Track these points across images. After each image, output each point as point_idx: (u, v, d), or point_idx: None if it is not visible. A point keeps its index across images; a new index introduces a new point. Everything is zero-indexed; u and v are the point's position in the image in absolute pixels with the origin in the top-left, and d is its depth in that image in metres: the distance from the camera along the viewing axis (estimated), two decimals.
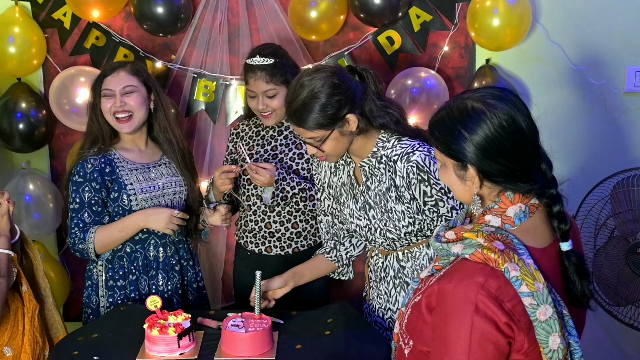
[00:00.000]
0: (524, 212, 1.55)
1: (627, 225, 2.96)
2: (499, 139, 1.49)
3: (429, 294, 1.55)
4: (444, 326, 1.48)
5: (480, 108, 1.51)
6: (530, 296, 1.45)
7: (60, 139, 3.30)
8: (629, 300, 2.99)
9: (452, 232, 1.56)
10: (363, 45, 3.17)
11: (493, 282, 1.45)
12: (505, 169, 1.51)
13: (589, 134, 3.18)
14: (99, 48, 3.20)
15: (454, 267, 1.53)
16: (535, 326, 1.46)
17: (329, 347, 2.16)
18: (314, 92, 2.11)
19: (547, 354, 1.47)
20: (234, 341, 2.13)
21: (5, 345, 2.23)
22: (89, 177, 2.54)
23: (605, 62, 3.14)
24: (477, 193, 1.56)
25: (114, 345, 2.21)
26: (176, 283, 2.68)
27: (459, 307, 1.46)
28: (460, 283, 1.47)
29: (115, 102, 2.55)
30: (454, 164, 1.56)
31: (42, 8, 3.18)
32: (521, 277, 1.45)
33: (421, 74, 3.06)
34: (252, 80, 2.64)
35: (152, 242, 2.64)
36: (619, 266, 2.98)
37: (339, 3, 3.04)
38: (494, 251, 1.46)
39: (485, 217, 1.56)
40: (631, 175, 3.01)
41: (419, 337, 1.59)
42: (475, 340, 1.43)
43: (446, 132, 1.54)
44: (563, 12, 3.11)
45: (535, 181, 1.53)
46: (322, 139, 2.18)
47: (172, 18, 3.05)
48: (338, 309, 2.43)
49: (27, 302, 2.27)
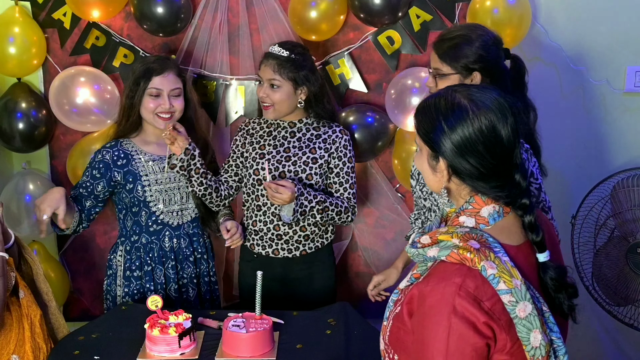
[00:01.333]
0: (498, 212, 1.55)
1: (627, 225, 2.97)
2: (475, 142, 1.50)
3: (409, 300, 1.53)
4: (421, 329, 1.48)
5: (466, 106, 1.51)
6: (509, 293, 1.44)
7: (60, 139, 3.29)
8: (629, 300, 2.99)
9: (427, 237, 1.56)
10: (363, 45, 3.17)
11: (470, 281, 1.44)
12: (474, 171, 1.52)
13: (589, 134, 3.19)
14: (99, 48, 3.19)
15: (432, 270, 1.52)
16: (516, 323, 1.45)
17: (330, 347, 2.17)
18: (471, 34, 2.27)
19: (530, 351, 1.46)
20: (235, 341, 2.13)
21: (12, 354, 2.21)
22: (94, 165, 2.67)
23: (605, 62, 3.14)
24: (445, 186, 1.57)
25: (114, 345, 2.21)
26: (191, 273, 2.75)
27: (437, 309, 1.45)
28: (437, 285, 1.46)
29: (164, 103, 2.62)
30: (429, 152, 1.57)
31: (42, 8, 3.17)
32: (498, 274, 1.44)
33: (421, 74, 3.06)
34: (263, 65, 2.68)
35: (166, 233, 2.71)
36: (619, 266, 2.98)
37: (339, 3, 3.03)
38: (470, 250, 1.46)
39: (460, 218, 1.57)
40: (631, 175, 3.01)
41: (402, 349, 1.57)
42: (452, 342, 1.43)
43: (428, 121, 1.55)
44: (563, 12, 3.11)
45: (503, 188, 1.53)
46: (440, 75, 2.29)
47: (172, 18, 3.05)
48: (339, 309, 2.44)
49: (25, 309, 2.24)
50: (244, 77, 3.19)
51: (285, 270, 2.79)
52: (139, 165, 2.66)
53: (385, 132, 3.16)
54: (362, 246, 3.35)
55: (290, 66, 2.64)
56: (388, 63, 3.18)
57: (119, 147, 2.70)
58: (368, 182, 3.27)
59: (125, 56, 3.19)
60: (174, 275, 2.71)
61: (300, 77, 2.65)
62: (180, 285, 2.74)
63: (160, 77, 2.62)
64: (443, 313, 1.44)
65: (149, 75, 2.62)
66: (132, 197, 2.65)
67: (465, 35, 2.29)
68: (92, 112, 3.10)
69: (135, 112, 2.66)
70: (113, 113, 3.14)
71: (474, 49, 2.26)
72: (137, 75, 2.64)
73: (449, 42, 2.29)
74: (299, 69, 2.65)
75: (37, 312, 2.27)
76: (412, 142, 3.11)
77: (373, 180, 3.27)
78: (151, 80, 2.61)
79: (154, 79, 2.61)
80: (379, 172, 3.28)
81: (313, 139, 2.75)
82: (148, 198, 2.66)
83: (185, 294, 2.75)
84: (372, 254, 3.34)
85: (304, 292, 2.79)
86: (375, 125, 3.13)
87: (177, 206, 2.72)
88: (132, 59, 3.19)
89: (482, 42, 2.29)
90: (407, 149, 3.13)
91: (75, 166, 3.13)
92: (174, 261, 2.72)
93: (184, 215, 2.75)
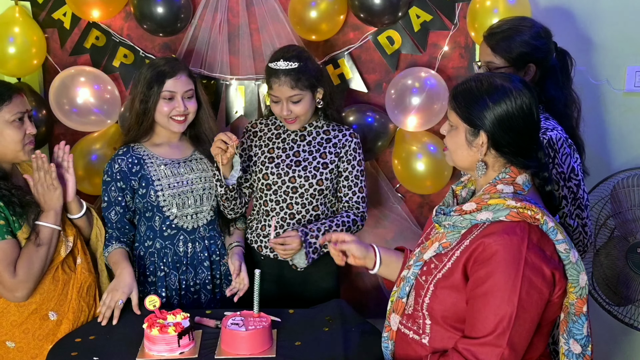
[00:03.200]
0: (528, 180, 1.78)
1: (627, 225, 2.96)
2: (516, 117, 1.71)
3: (465, 260, 1.71)
4: (493, 278, 1.65)
5: (508, 87, 1.72)
6: (564, 242, 1.70)
7: (60, 139, 3.26)
8: (629, 300, 2.98)
9: (472, 203, 1.76)
10: (363, 45, 3.17)
11: (534, 235, 1.67)
12: (513, 143, 1.73)
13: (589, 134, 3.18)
14: (99, 48, 3.20)
15: (491, 229, 1.70)
16: (568, 268, 1.71)
17: (328, 343, 2.17)
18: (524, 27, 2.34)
19: (577, 292, 1.73)
20: (234, 339, 2.13)
21: (50, 310, 2.38)
22: (115, 176, 2.61)
23: (605, 62, 3.14)
24: (483, 159, 1.77)
25: (112, 346, 2.21)
26: (205, 278, 2.71)
27: (510, 259, 1.64)
28: (507, 239, 1.66)
29: (178, 106, 2.58)
30: (467, 128, 1.76)
31: (42, 8, 3.17)
32: (556, 227, 1.69)
33: (421, 74, 3.06)
34: (277, 85, 2.57)
35: (181, 237, 2.67)
36: (619, 266, 2.98)
37: (339, 3, 3.04)
38: (529, 209, 1.68)
39: (497, 186, 1.76)
40: (631, 175, 3.01)
41: (448, 310, 1.74)
42: (524, 289, 1.63)
43: (471, 99, 1.74)
44: (563, 12, 3.11)
45: (532, 160, 1.77)
46: (494, 69, 2.31)
47: (172, 18, 3.05)
48: (335, 306, 2.44)
49: (79, 274, 2.47)
50: (244, 77, 3.20)
51: (291, 275, 2.76)
52: (151, 169, 2.62)
53: (385, 132, 3.16)
54: None
55: (304, 75, 2.57)
56: (388, 63, 3.18)
57: (132, 152, 2.64)
58: (368, 182, 3.27)
59: (125, 56, 3.19)
60: (187, 281, 2.67)
61: (315, 81, 2.61)
62: (194, 292, 2.70)
63: (173, 80, 2.58)
64: (515, 264, 1.64)
65: (162, 78, 2.57)
66: (146, 202, 2.61)
67: (516, 27, 2.33)
68: (92, 112, 3.10)
69: (149, 117, 2.61)
70: (113, 113, 3.15)
71: (527, 38, 2.31)
72: (150, 80, 2.58)
73: (500, 34, 2.32)
74: (310, 73, 2.59)
75: (88, 278, 2.50)
76: (412, 142, 3.12)
77: (373, 180, 3.27)
78: (164, 83, 2.57)
79: (167, 81, 2.57)
80: (379, 172, 3.28)
81: (323, 143, 2.71)
82: (161, 203, 2.60)
83: (198, 300, 2.71)
84: None
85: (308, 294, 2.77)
86: (375, 125, 3.14)
87: (192, 209, 2.66)
88: (132, 59, 3.19)
89: (533, 33, 2.34)
90: (407, 149, 3.13)
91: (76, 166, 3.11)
92: (189, 266, 2.67)
93: (199, 219, 2.68)
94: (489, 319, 1.65)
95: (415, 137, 3.12)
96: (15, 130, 2.34)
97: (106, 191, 2.62)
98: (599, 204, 3.07)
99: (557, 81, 2.42)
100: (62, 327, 2.39)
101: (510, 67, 2.32)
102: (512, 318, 1.63)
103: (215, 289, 2.75)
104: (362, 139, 3.02)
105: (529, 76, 2.36)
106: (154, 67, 2.61)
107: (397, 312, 1.85)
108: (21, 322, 2.33)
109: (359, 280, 3.36)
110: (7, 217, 2.29)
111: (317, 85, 2.63)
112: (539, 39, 2.34)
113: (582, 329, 1.79)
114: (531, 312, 1.66)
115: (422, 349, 1.80)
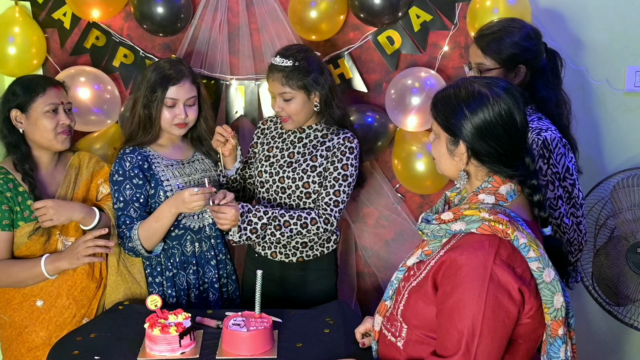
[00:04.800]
0: (514, 190, 1.71)
1: (627, 225, 2.96)
2: (495, 125, 1.65)
3: (435, 272, 1.66)
4: (455, 296, 1.59)
5: (486, 93, 1.67)
6: (537, 260, 1.61)
7: None
8: (629, 300, 2.99)
9: (450, 213, 1.70)
10: (363, 45, 3.17)
11: (503, 250, 1.60)
12: (493, 152, 1.68)
13: (589, 134, 3.18)
14: (99, 48, 3.20)
15: (461, 241, 1.64)
16: (542, 288, 1.62)
17: (329, 344, 2.17)
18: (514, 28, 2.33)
19: (552, 313, 1.63)
20: (236, 340, 2.13)
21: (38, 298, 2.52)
22: (128, 174, 2.57)
23: (605, 62, 3.14)
24: (465, 169, 1.72)
25: (113, 345, 2.21)
26: (212, 277, 2.71)
27: (474, 276, 1.58)
28: (473, 254, 1.60)
29: (180, 113, 2.58)
30: (448, 138, 1.71)
31: (42, 8, 3.17)
32: (528, 244, 1.61)
33: (421, 74, 3.06)
34: (270, 80, 2.62)
35: (188, 237, 2.66)
36: (619, 266, 2.98)
37: (339, 3, 3.04)
38: (501, 222, 1.61)
39: (479, 196, 1.70)
40: (631, 175, 3.01)
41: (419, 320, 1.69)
42: (489, 307, 1.57)
43: (449, 108, 1.69)
44: (563, 12, 3.11)
45: (516, 169, 1.70)
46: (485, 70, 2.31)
47: (172, 18, 3.05)
48: (336, 307, 2.44)
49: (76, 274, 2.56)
50: (244, 77, 3.20)
51: (283, 274, 2.77)
52: (159, 170, 2.61)
53: (385, 132, 3.16)
54: (362, 246, 3.35)
55: (297, 75, 2.56)
56: (388, 63, 3.18)
57: (139, 151, 2.61)
58: (368, 182, 3.27)
59: (125, 56, 3.19)
60: (195, 280, 2.67)
61: (310, 83, 2.57)
62: (202, 291, 2.70)
63: (176, 87, 2.56)
64: (480, 280, 1.58)
65: (166, 84, 2.55)
66: (154, 203, 2.59)
67: (506, 28, 2.33)
68: (92, 112, 3.10)
69: (156, 125, 2.59)
70: (113, 113, 3.15)
71: (517, 39, 2.31)
72: (154, 84, 2.55)
73: (491, 36, 2.33)
74: (306, 74, 2.57)
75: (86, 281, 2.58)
76: (412, 142, 3.12)
77: (373, 180, 3.27)
78: (168, 89, 2.55)
79: (170, 88, 2.55)
80: (379, 172, 3.27)
81: (317, 146, 2.68)
82: None
83: (206, 299, 2.71)
84: (372, 254, 3.34)
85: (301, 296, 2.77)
86: (375, 125, 3.14)
87: None
88: (132, 59, 3.19)
89: (524, 34, 2.34)
90: (407, 149, 3.13)
91: None
92: (196, 266, 2.67)
93: (205, 218, 2.69)
94: (454, 336, 1.59)
95: (415, 137, 3.12)
96: (49, 120, 2.50)
97: (119, 191, 2.57)
98: (599, 204, 3.07)
99: (547, 81, 2.42)
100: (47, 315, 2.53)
101: (500, 68, 2.33)
102: (477, 336, 1.57)
103: (223, 288, 2.77)
104: (362, 139, 2.99)
105: (520, 77, 2.37)
106: (158, 71, 2.58)
107: (380, 314, 1.84)
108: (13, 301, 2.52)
109: (360, 280, 3.36)
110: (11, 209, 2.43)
111: (312, 89, 2.59)
112: (529, 40, 2.35)
113: (558, 352, 1.68)
114: (498, 330, 1.59)
115: (397, 353, 1.78)
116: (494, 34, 2.33)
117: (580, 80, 3.15)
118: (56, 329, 2.53)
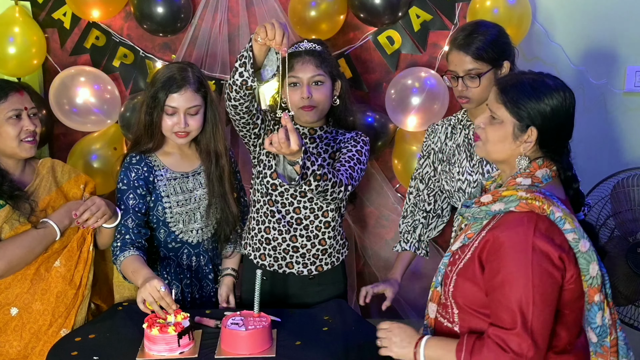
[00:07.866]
0: (549, 175, 1.83)
1: (627, 225, 2.96)
2: (563, 114, 1.80)
3: (479, 252, 1.77)
4: (504, 269, 1.71)
5: (562, 85, 1.82)
6: (573, 232, 1.75)
7: (60, 139, 3.30)
8: (629, 300, 2.98)
9: (489, 196, 1.83)
10: (363, 45, 3.17)
11: (541, 224, 1.72)
12: (556, 139, 1.82)
13: (589, 134, 3.18)
14: (99, 48, 3.20)
15: (502, 220, 1.78)
16: (578, 257, 1.76)
17: (329, 343, 2.17)
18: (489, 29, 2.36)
19: (588, 280, 1.77)
20: (234, 339, 2.13)
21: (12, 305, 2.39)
22: (132, 184, 2.50)
23: (605, 62, 3.14)
24: (526, 154, 1.82)
25: (112, 345, 2.21)
26: (210, 291, 2.66)
27: (517, 249, 1.70)
28: (514, 230, 1.73)
29: (179, 122, 2.46)
30: (515, 123, 1.81)
31: (42, 8, 3.18)
32: (564, 217, 1.74)
33: (421, 74, 3.06)
34: (300, 64, 2.41)
35: (185, 250, 2.61)
36: (619, 266, 2.97)
37: (339, 3, 3.04)
38: (538, 199, 1.74)
39: (517, 179, 1.82)
40: (631, 175, 3.00)
41: (469, 299, 1.80)
42: (536, 276, 1.68)
43: (524, 94, 1.79)
44: (563, 12, 3.12)
45: (563, 155, 1.86)
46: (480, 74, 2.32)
47: (172, 18, 3.06)
48: (334, 306, 2.44)
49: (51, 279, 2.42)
50: None
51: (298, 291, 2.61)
52: (161, 184, 2.53)
53: (385, 132, 3.16)
54: (362, 246, 3.35)
55: (326, 60, 2.46)
56: (388, 63, 3.18)
57: (145, 161, 2.54)
58: (368, 182, 3.27)
59: (125, 56, 3.19)
60: (192, 294, 2.61)
61: (337, 71, 2.52)
62: (200, 305, 2.62)
63: (177, 95, 2.44)
64: (523, 252, 1.69)
65: (167, 90, 2.44)
66: (152, 216, 2.54)
67: (485, 31, 2.35)
68: (92, 112, 3.11)
69: (157, 131, 2.51)
70: (113, 113, 3.15)
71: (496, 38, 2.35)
72: (156, 89, 2.46)
73: (475, 40, 2.33)
74: (332, 63, 2.50)
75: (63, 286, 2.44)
76: (412, 142, 3.12)
77: (373, 180, 3.27)
78: (168, 97, 2.44)
79: (170, 96, 2.44)
80: (379, 172, 3.28)
81: (330, 143, 2.55)
82: (168, 219, 2.54)
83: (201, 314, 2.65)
84: (372, 254, 3.34)
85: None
86: (375, 125, 3.14)
87: (197, 225, 2.59)
88: (132, 59, 3.20)
89: (499, 31, 2.38)
90: (407, 149, 3.13)
91: (75, 166, 3.12)
92: (193, 279, 2.61)
93: (205, 233, 2.61)
94: (509, 308, 1.69)
95: (415, 137, 3.12)
96: (11, 126, 2.38)
97: (122, 200, 2.51)
98: (599, 204, 3.06)
99: None
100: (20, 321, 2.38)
101: (492, 68, 2.34)
102: (530, 304, 1.67)
103: None
104: None
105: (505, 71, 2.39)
106: (164, 75, 2.49)
107: (434, 301, 1.91)
108: None
109: (360, 280, 3.36)
110: None
111: (337, 77, 2.51)
112: (506, 36, 2.40)
113: (595, 318, 1.82)
114: (547, 296, 1.70)
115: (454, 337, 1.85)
116: (477, 38, 2.33)
117: (580, 80, 3.15)
118: (32, 339, 2.37)
